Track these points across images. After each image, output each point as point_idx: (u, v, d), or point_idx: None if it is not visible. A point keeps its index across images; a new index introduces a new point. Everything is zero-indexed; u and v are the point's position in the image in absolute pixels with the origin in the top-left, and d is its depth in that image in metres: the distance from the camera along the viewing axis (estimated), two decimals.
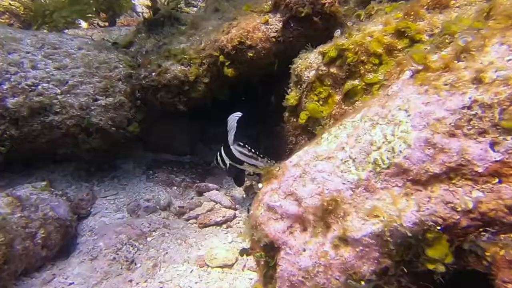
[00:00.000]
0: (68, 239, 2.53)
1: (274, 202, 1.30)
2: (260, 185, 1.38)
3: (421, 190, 1.07)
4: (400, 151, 1.12)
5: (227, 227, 2.68)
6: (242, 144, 2.78)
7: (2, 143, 2.52)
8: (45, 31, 3.72)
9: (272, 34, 2.72)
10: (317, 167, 1.27)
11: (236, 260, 2.20)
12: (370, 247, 1.10)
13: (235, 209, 2.96)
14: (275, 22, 2.74)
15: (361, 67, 1.85)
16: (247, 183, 3.17)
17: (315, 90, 2.06)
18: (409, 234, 1.02)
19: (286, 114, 2.44)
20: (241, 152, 2.79)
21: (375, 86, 1.66)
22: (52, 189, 2.70)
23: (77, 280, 2.13)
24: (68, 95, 2.67)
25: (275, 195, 1.31)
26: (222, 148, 2.95)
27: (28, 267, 2.21)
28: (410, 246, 1.05)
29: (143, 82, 2.88)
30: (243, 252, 1.58)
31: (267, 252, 1.29)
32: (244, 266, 2.14)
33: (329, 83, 2.01)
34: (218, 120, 4.18)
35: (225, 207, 2.94)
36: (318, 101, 2.05)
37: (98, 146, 2.79)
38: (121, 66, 2.99)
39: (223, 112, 3.74)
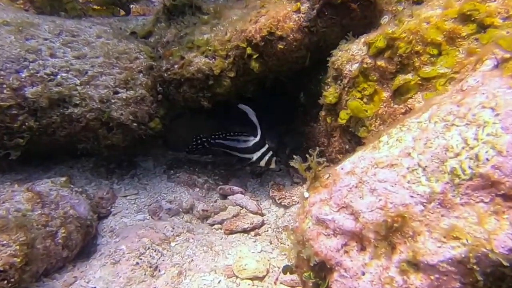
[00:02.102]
0: (89, 239, 2.48)
1: (325, 215, 1.16)
2: (306, 193, 1.24)
3: None
4: (487, 159, 0.95)
5: (255, 235, 2.55)
6: None
7: (21, 135, 2.46)
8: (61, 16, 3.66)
9: (305, 24, 2.54)
10: (377, 176, 1.11)
11: (267, 272, 2.07)
12: (449, 275, 0.94)
13: (262, 214, 2.84)
14: (308, 10, 2.56)
15: (416, 59, 1.66)
16: (274, 187, 3.03)
17: (358, 86, 1.89)
18: (504, 263, 0.85)
19: (323, 113, 2.26)
20: None
21: (439, 81, 1.47)
22: (72, 186, 2.65)
23: (99, 284, 2.06)
24: (88, 86, 2.59)
25: (326, 207, 1.17)
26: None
27: (49, 268, 2.16)
28: (503, 277, 0.88)
29: (165, 75, 2.77)
30: (286, 269, 1.44)
31: (317, 273, 1.14)
32: (277, 279, 2.01)
33: (375, 78, 1.83)
34: (237, 117, 4.06)
35: (252, 212, 2.81)
36: (361, 98, 1.87)
37: (118, 142, 2.71)
38: (142, 57, 2.89)
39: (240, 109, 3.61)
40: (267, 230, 2.62)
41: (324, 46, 2.60)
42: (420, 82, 1.64)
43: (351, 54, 1.98)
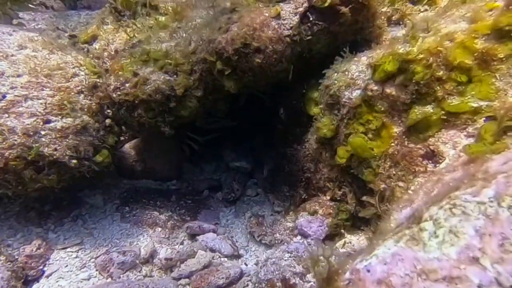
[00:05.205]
0: None
1: None
2: None
3: None
4: None
5: None
6: None
7: None
8: None
9: (286, 32, 2.20)
10: None
11: None
12: None
13: (239, 256, 2.46)
14: (289, 16, 2.22)
15: (438, 88, 1.34)
16: (253, 221, 2.66)
17: (361, 118, 1.55)
18: None
19: (315, 146, 1.92)
20: None
21: (487, 127, 1.16)
22: None
23: None
24: (7, 115, 2.05)
25: None
26: None
27: None
28: None
29: (114, 95, 2.28)
30: None
31: None
32: None
33: (382, 109, 1.50)
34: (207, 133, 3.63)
35: (226, 256, 2.44)
36: (365, 133, 1.54)
37: (52, 184, 2.18)
38: (82, 73, 2.38)
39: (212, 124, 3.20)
40: (247, 285, 2.23)
41: (309, 57, 2.29)
42: (444, 117, 1.33)
43: (350, 78, 1.64)
